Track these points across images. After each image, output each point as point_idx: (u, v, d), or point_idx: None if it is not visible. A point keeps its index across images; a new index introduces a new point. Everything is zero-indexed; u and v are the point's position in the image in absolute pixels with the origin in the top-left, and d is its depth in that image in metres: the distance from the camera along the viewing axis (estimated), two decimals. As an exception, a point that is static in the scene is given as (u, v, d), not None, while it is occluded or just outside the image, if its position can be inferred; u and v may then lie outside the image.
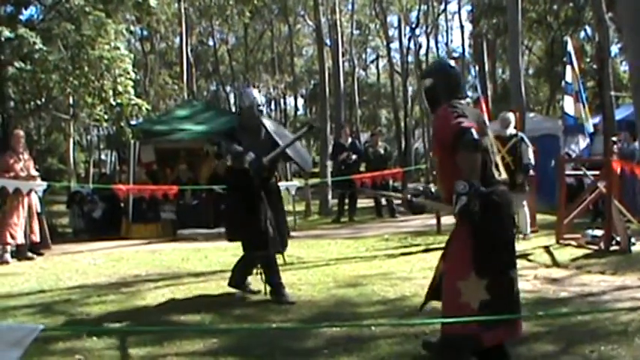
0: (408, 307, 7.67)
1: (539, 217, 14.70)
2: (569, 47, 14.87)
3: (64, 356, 6.11)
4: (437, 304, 5.58)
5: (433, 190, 6.97)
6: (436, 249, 12.09)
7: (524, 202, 13.15)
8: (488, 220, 5.08)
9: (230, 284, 8.79)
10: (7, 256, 12.34)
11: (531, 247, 12.20)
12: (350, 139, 20.09)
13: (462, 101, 5.51)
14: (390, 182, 19.53)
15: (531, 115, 23.33)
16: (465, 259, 5.17)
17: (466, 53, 50.39)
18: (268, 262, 8.45)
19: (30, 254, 12.68)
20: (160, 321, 7.54)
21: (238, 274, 8.75)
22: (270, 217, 8.32)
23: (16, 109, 17.75)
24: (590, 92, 26.87)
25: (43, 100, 17.86)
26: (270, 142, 8.41)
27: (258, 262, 8.54)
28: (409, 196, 6.77)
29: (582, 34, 38.71)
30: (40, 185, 13.24)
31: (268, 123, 8.85)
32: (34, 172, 13.09)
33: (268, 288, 8.49)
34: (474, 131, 4.99)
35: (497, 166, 5.42)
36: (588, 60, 31.67)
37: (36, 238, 12.97)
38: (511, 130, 13.22)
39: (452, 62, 6.56)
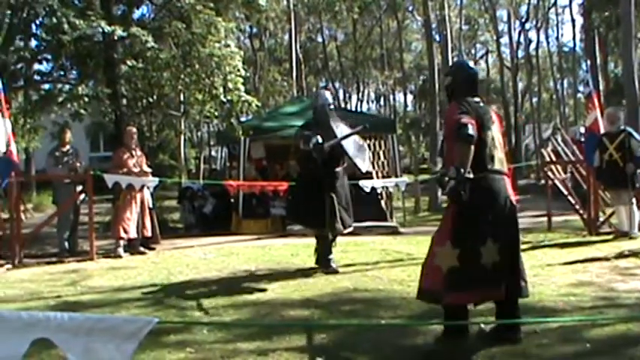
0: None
1: (654, 214, 14.14)
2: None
3: (176, 349, 6.17)
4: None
5: None
6: (546, 246, 11.84)
7: (634, 200, 12.67)
8: (474, 202, 5.91)
9: (317, 264, 10.22)
10: (120, 250, 12.59)
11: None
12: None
13: (476, 99, 6.32)
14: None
15: (645, 110, 22.56)
16: (445, 230, 6.15)
17: (577, 47, 49.38)
18: (323, 239, 10.05)
19: (142, 249, 12.91)
20: (270, 315, 7.56)
21: (319, 256, 10.19)
22: (330, 201, 9.66)
23: (128, 106, 18.15)
24: None
25: (155, 97, 18.25)
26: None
27: (324, 240, 10.05)
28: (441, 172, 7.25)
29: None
30: (152, 181, 13.45)
31: (334, 122, 9.92)
32: (146, 168, 13.34)
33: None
34: (470, 127, 5.88)
35: (492, 157, 6.18)
36: None
37: (148, 232, 13.16)
38: (618, 126, 12.81)
39: (471, 63, 7.00)
